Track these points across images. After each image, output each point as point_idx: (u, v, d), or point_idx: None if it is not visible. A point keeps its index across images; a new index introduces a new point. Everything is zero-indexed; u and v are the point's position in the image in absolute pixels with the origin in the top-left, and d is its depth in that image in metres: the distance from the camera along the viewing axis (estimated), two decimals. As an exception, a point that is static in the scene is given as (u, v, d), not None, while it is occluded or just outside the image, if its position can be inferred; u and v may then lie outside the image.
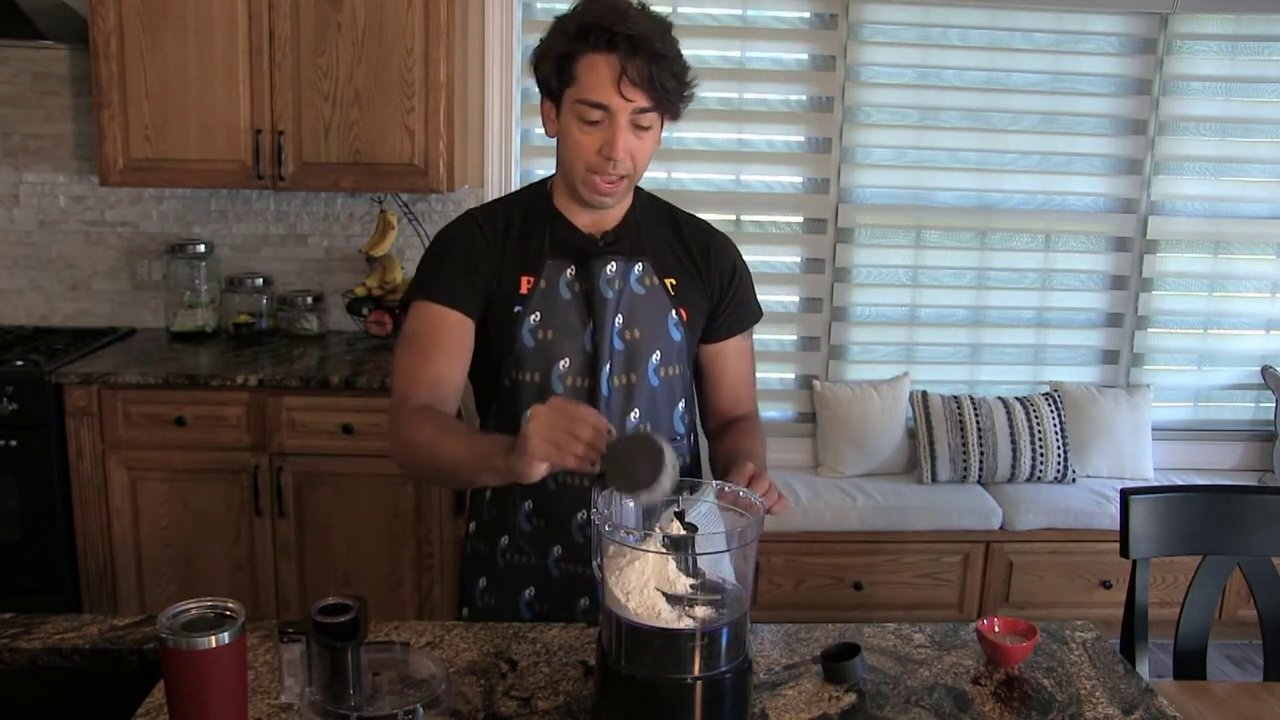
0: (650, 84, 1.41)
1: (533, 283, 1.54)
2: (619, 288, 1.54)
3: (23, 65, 3.23)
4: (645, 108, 1.43)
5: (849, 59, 3.49)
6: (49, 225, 3.34)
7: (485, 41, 3.30)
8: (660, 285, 1.58)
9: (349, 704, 1.08)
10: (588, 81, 1.42)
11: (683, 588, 1.13)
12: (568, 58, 1.43)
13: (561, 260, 1.55)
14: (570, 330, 1.53)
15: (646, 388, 1.57)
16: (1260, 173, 3.69)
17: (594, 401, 1.53)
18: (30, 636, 1.39)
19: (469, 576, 1.67)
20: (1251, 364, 3.81)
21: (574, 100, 1.44)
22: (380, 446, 2.89)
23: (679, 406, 1.62)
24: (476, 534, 1.66)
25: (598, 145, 1.45)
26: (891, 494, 3.38)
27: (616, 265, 1.55)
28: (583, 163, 1.48)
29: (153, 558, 2.94)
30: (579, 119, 1.45)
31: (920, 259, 3.66)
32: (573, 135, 1.47)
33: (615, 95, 1.42)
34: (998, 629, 1.44)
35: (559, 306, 1.54)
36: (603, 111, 1.43)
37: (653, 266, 1.58)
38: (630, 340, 1.55)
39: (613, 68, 1.40)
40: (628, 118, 1.43)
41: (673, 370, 1.60)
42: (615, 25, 1.39)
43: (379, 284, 3.28)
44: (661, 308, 1.58)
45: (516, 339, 1.53)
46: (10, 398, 2.79)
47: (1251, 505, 1.96)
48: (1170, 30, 3.53)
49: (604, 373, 1.54)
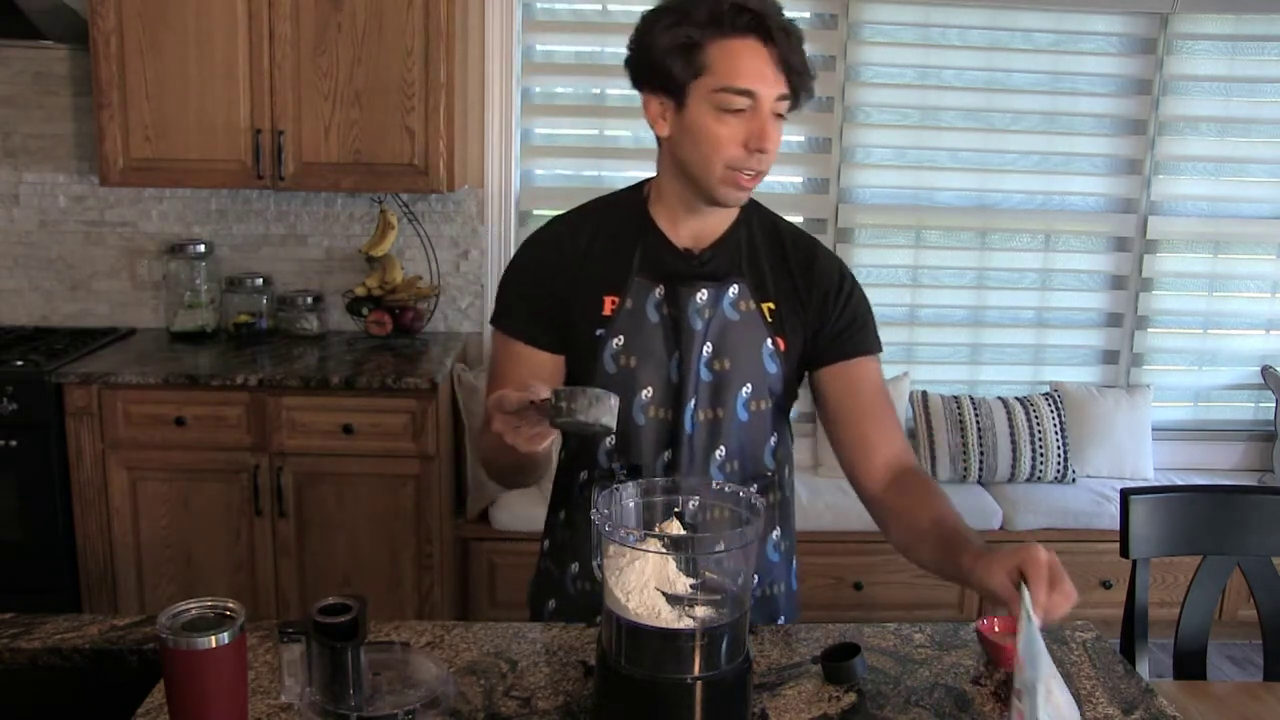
0: (791, 68, 1.34)
1: (617, 304, 1.44)
2: (709, 316, 1.43)
3: (23, 65, 3.23)
4: (785, 94, 1.36)
5: (849, 59, 3.49)
6: (49, 225, 3.34)
7: (485, 41, 3.30)
8: (757, 310, 1.46)
9: (349, 704, 1.08)
10: (728, 68, 1.33)
11: (683, 588, 1.13)
12: (695, 45, 1.33)
13: (650, 279, 1.44)
14: (655, 358, 1.44)
15: (734, 422, 1.46)
16: (1260, 173, 3.69)
17: (675, 436, 1.45)
18: (30, 636, 1.39)
19: (539, 596, 1.61)
20: (1251, 364, 3.81)
21: (711, 90, 1.33)
22: (380, 446, 2.89)
23: (770, 441, 1.52)
24: (549, 554, 1.59)
25: (741, 137, 1.35)
26: (891, 494, 3.37)
27: (707, 293, 1.44)
28: (723, 158, 1.36)
29: (153, 558, 2.94)
30: (717, 109, 1.34)
31: (920, 259, 3.66)
32: (708, 129, 1.35)
33: (762, 80, 1.33)
34: (998, 629, 1.44)
35: (645, 331, 1.44)
36: (748, 99, 1.33)
37: (750, 289, 1.46)
38: (719, 371, 1.45)
39: (755, 51, 1.32)
40: (769, 106, 1.35)
41: (764, 404, 1.48)
42: (750, 3, 1.32)
43: (379, 284, 3.28)
44: (756, 336, 1.46)
45: (597, 364, 1.44)
46: (10, 398, 2.79)
47: (1251, 505, 1.96)
48: (1170, 30, 3.53)
49: (688, 407, 1.44)
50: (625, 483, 1.25)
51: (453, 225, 3.41)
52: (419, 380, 2.86)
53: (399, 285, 3.30)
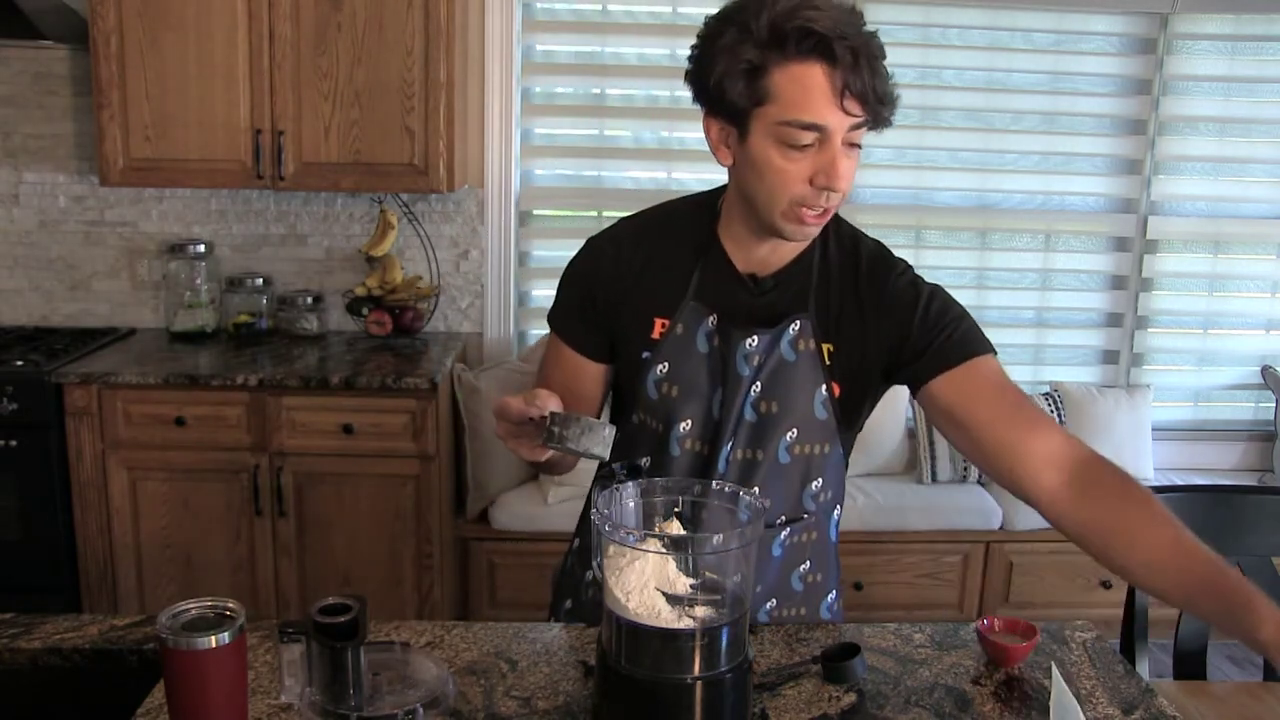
0: (870, 94, 1.21)
1: (667, 327, 1.37)
2: (758, 363, 1.35)
3: (23, 65, 3.23)
4: (861, 123, 1.23)
5: (849, 59, 3.48)
6: (49, 225, 3.34)
7: (485, 41, 3.30)
8: (816, 352, 1.36)
9: (349, 704, 1.08)
10: (794, 97, 1.20)
11: (683, 588, 1.13)
12: (758, 69, 1.20)
13: (705, 306, 1.36)
14: (698, 392, 1.36)
15: (772, 465, 1.39)
16: (1260, 173, 3.69)
17: (708, 473, 1.38)
18: (30, 636, 1.39)
19: (560, 594, 1.59)
20: (1251, 364, 3.81)
21: (776, 121, 1.21)
22: (380, 446, 2.89)
23: (812, 485, 1.43)
24: (577, 552, 1.57)
25: (808, 173, 1.23)
26: (891, 494, 3.38)
27: (759, 340, 1.34)
28: (788, 195, 1.25)
29: (153, 558, 2.94)
30: (782, 143, 1.22)
31: (920, 259, 3.65)
32: (773, 163, 1.24)
33: (833, 112, 1.20)
34: (998, 629, 1.44)
35: (691, 360, 1.36)
36: (816, 133, 1.21)
37: (813, 326, 1.36)
38: (765, 413, 1.37)
39: (825, 79, 1.19)
40: (841, 137, 1.22)
41: (810, 449, 1.40)
42: (820, 24, 1.18)
43: (379, 284, 3.28)
44: (811, 381, 1.37)
45: (641, 387, 1.39)
46: (10, 398, 2.79)
47: (1251, 505, 1.96)
48: (1170, 30, 3.53)
49: (725, 448, 1.37)
50: (625, 483, 1.25)
51: (453, 225, 3.41)
52: (419, 380, 2.86)
53: (399, 285, 3.30)
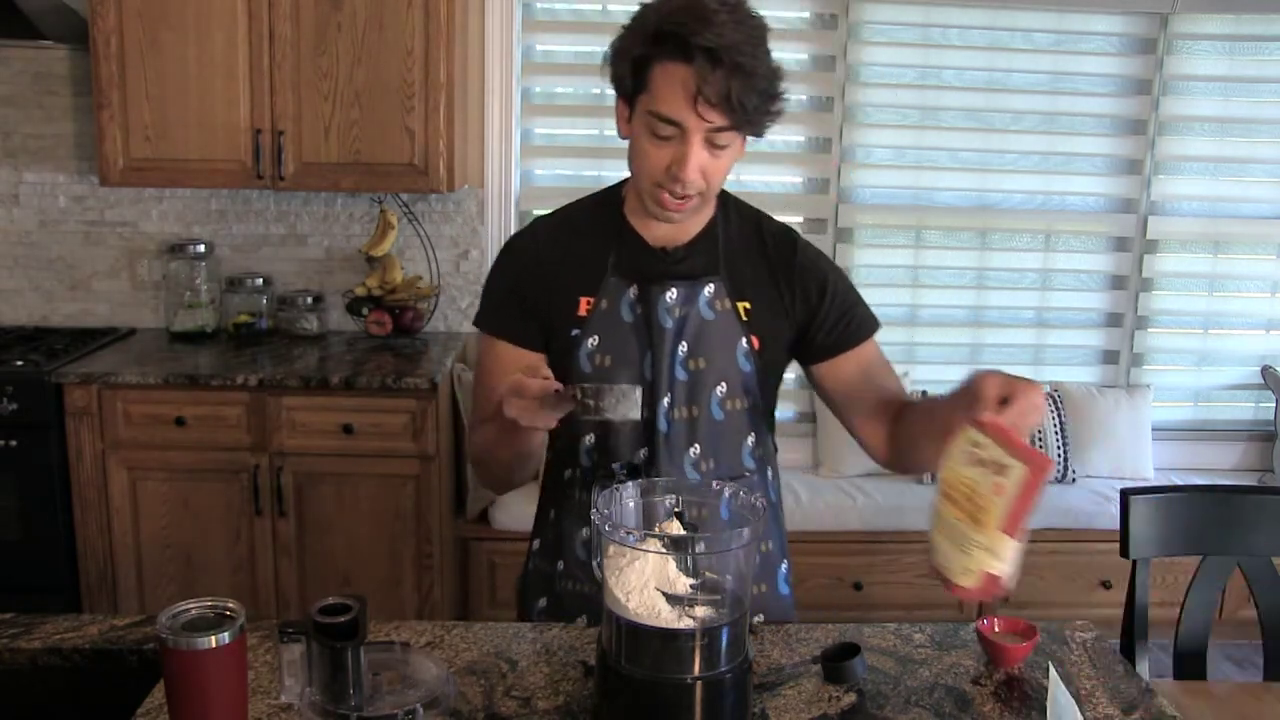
0: (729, 103, 1.28)
1: (592, 304, 1.46)
2: (680, 315, 1.44)
3: (23, 65, 3.23)
4: (722, 127, 1.31)
5: (849, 59, 3.49)
6: (49, 225, 3.34)
7: (485, 41, 3.30)
8: (733, 310, 1.47)
9: (349, 704, 1.08)
10: (661, 93, 1.30)
11: (683, 588, 1.13)
12: (643, 61, 1.31)
13: (625, 279, 1.46)
14: (629, 358, 1.45)
15: (708, 421, 1.47)
16: (1260, 173, 3.69)
17: (651, 434, 1.46)
18: (30, 636, 1.39)
19: (529, 595, 1.62)
20: (1251, 364, 3.81)
21: (646, 110, 1.33)
22: (380, 446, 2.89)
23: (747, 440, 1.52)
24: (539, 552, 1.61)
25: (667, 161, 1.34)
26: (891, 494, 3.38)
27: (678, 291, 1.44)
28: (650, 177, 1.37)
29: (153, 558, 2.94)
30: (650, 131, 1.34)
31: (920, 259, 3.66)
32: (642, 146, 1.36)
33: (689, 113, 1.29)
34: (998, 629, 1.44)
35: (619, 331, 1.45)
36: (675, 128, 1.32)
37: (726, 288, 1.47)
38: (695, 370, 1.45)
39: (687, 82, 1.28)
40: (702, 136, 1.32)
41: (739, 403, 1.49)
42: (695, 33, 1.26)
43: (379, 284, 3.28)
44: (731, 335, 1.47)
45: (573, 365, 1.46)
46: (10, 398, 2.79)
47: (1251, 505, 1.96)
48: (1170, 30, 3.53)
49: (662, 405, 1.44)
50: (625, 483, 1.26)
51: (453, 225, 3.41)
52: (419, 380, 2.86)
53: (399, 285, 3.30)
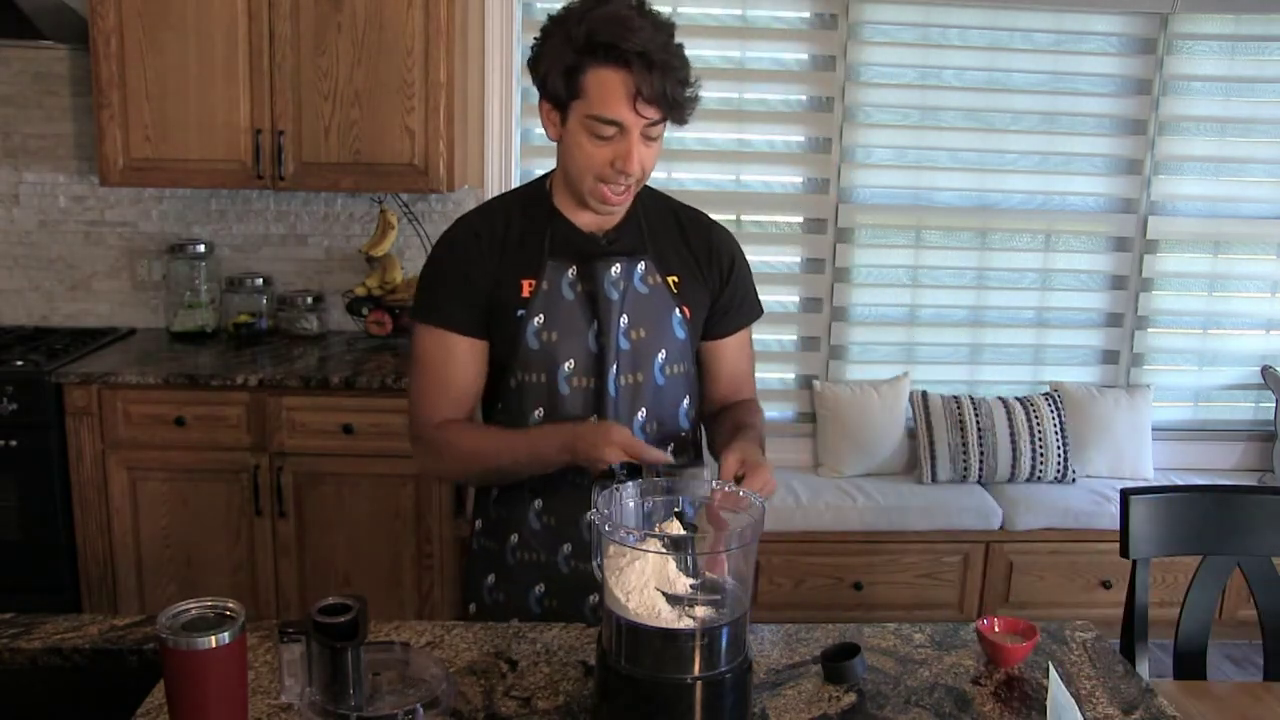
0: (663, 99, 1.41)
1: (534, 285, 1.54)
2: (624, 288, 1.55)
3: (23, 65, 3.23)
4: (657, 120, 1.44)
5: (849, 59, 3.49)
6: (49, 225, 3.34)
7: (485, 41, 3.30)
8: (664, 284, 1.58)
9: (349, 704, 1.08)
10: (599, 97, 1.41)
11: (683, 588, 1.13)
12: (575, 70, 1.41)
13: (562, 261, 1.55)
14: (574, 331, 1.54)
15: (653, 386, 1.58)
16: (1260, 173, 3.69)
17: (601, 401, 1.54)
18: (30, 636, 1.39)
19: (476, 573, 1.68)
20: (1251, 364, 3.81)
21: (585, 115, 1.43)
22: (380, 446, 2.89)
23: (684, 403, 1.63)
24: (483, 531, 1.68)
25: (609, 158, 1.45)
26: (891, 494, 3.38)
27: (620, 266, 1.55)
28: (592, 174, 1.48)
29: (153, 558, 2.94)
30: (590, 133, 1.44)
31: (920, 259, 3.66)
32: (582, 147, 1.46)
33: (629, 112, 1.41)
34: (998, 629, 1.44)
35: (562, 308, 1.54)
36: (615, 127, 1.43)
37: (655, 265, 1.58)
38: (636, 340, 1.56)
39: (625, 84, 1.40)
40: (639, 131, 1.44)
41: (678, 369, 1.60)
42: (624, 40, 1.38)
43: (379, 284, 3.28)
44: (665, 306, 1.58)
45: (520, 342, 1.54)
46: (10, 398, 2.79)
47: (1251, 505, 1.96)
48: (1170, 30, 3.53)
49: (611, 373, 1.54)
50: (625, 482, 1.26)
51: (453, 225, 3.41)
52: (419, 380, 2.85)
53: (399, 285, 3.30)
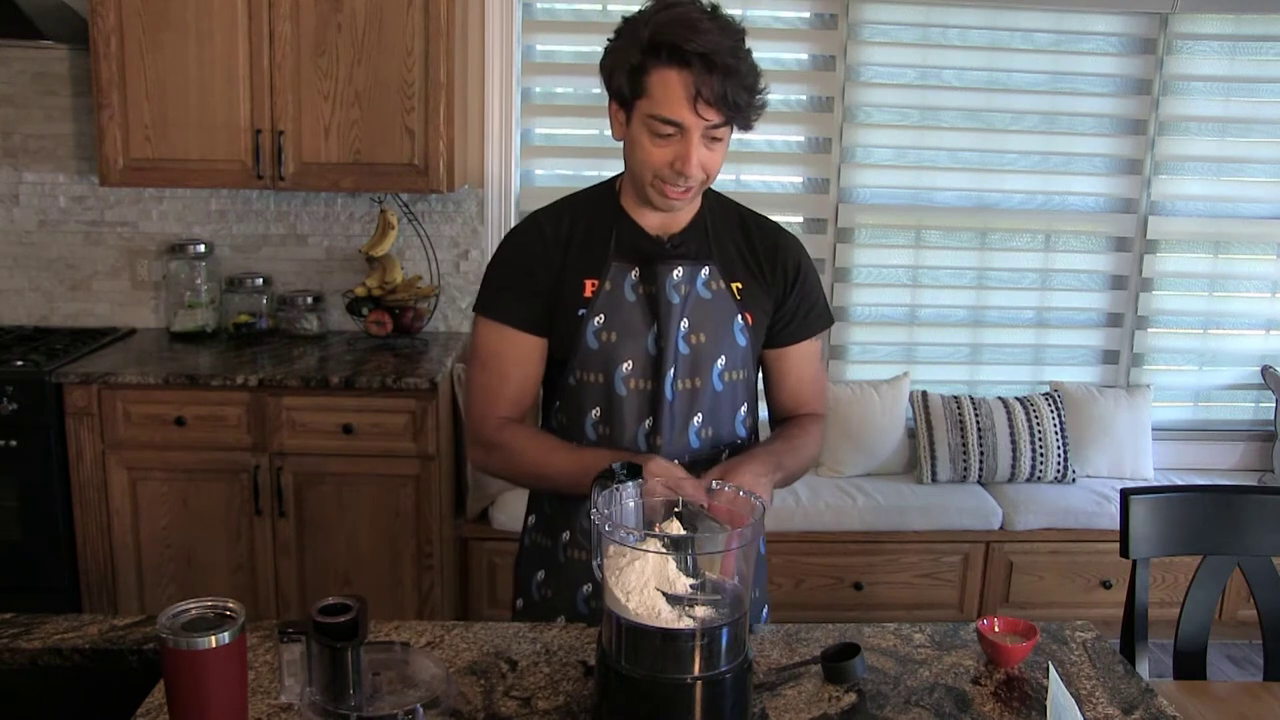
0: (724, 101, 1.41)
1: (597, 286, 1.54)
2: (685, 292, 1.54)
3: (23, 65, 3.23)
4: (718, 123, 1.44)
5: (849, 59, 3.49)
6: (49, 225, 3.34)
7: (485, 41, 3.30)
8: (727, 289, 1.58)
9: (349, 704, 1.08)
10: (661, 97, 1.42)
11: (683, 588, 1.13)
12: (639, 69, 1.42)
13: (626, 263, 1.55)
14: (634, 332, 1.54)
15: (710, 392, 1.57)
16: (1260, 173, 3.69)
17: (657, 404, 1.54)
18: (30, 636, 1.39)
19: (526, 569, 1.68)
20: (1251, 364, 3.81)
21: (646, 114, 1.44)
22: (380, 446, 2.89)
23: (741, 410, 1.62)
24: (536, 527, 1.67)
25: (669, 158, 1.46)
26: (891, 494, 3.38)
27: (683, 270, 1.55)
28: (652, 172, 1.48)
29: (153, 558, 2.94)
30: (651, 132, 1.45)
31: (920, 259, 3.66)
32: (644, 146, 1.47)
33: (689, 113, 1.41)
34: (998, 629, 1.44)
35: (623, 309, 1.54)
36: (675, 128, 1.43)
37: (719, 270, 1.58)
38: (696, 344, 1.55)
39: (686, 85, 1.40)
40: (700, 133, 1.44)
41: (737, 375, 1.59)
42: (688, 41, 1.38)
43: (379, 284, 3.28)
44: (728, 312, 1.57)
45: (580, 341, 1.54)
46: (10, 398, 2.79)
47: (1251, 505, 1.96)
48: (1170, 30, 3.53)
49: (668, 376, 1.54)
50: (625, 482, 1.26)
51: (453, 225, 3.41)
52: (419, 380, 2.86)
53: (399, 285, 3.30)
